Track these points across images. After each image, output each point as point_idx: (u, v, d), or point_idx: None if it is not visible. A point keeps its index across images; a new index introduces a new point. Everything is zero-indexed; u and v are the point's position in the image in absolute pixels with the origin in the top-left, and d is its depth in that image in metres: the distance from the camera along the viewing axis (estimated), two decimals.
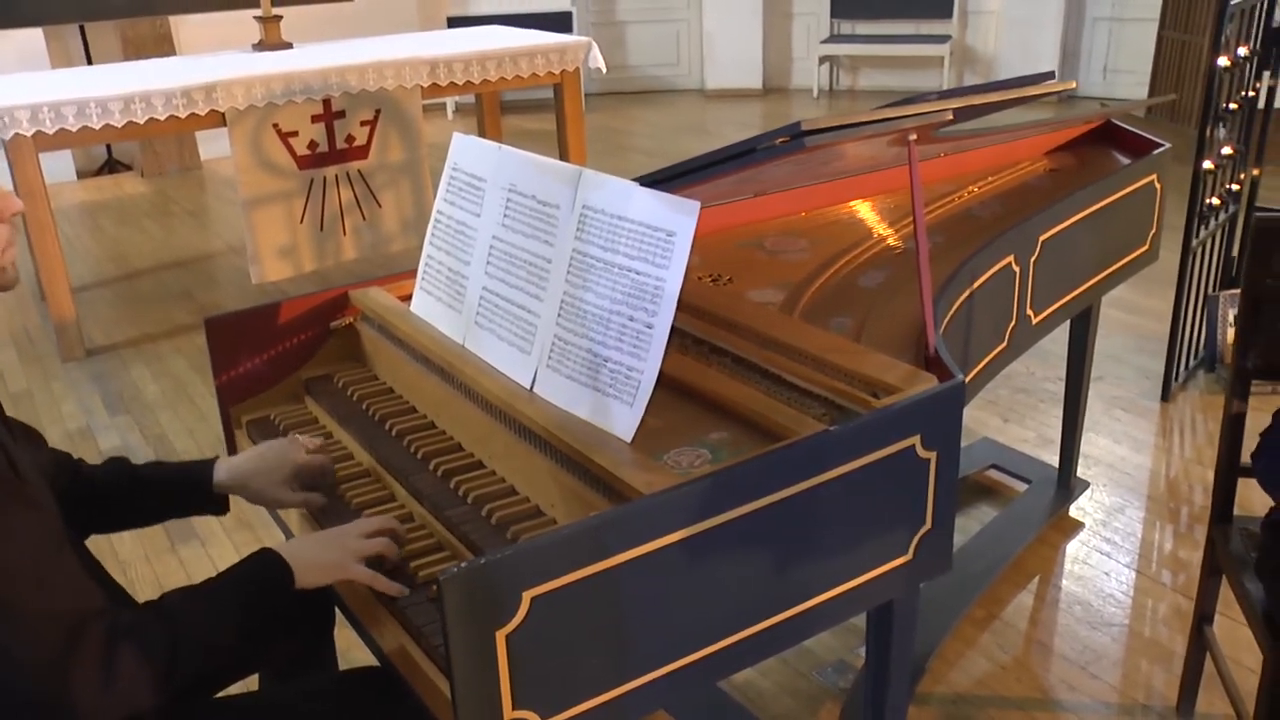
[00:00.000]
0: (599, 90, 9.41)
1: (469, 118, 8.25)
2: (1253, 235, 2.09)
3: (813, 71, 9.34)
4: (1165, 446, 3.53)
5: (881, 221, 2.43)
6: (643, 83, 9.72)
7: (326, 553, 1.51)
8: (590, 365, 1.56)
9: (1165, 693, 2.45)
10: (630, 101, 9.41)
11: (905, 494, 1.55)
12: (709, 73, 9.57)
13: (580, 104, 5.57)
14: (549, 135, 5.82)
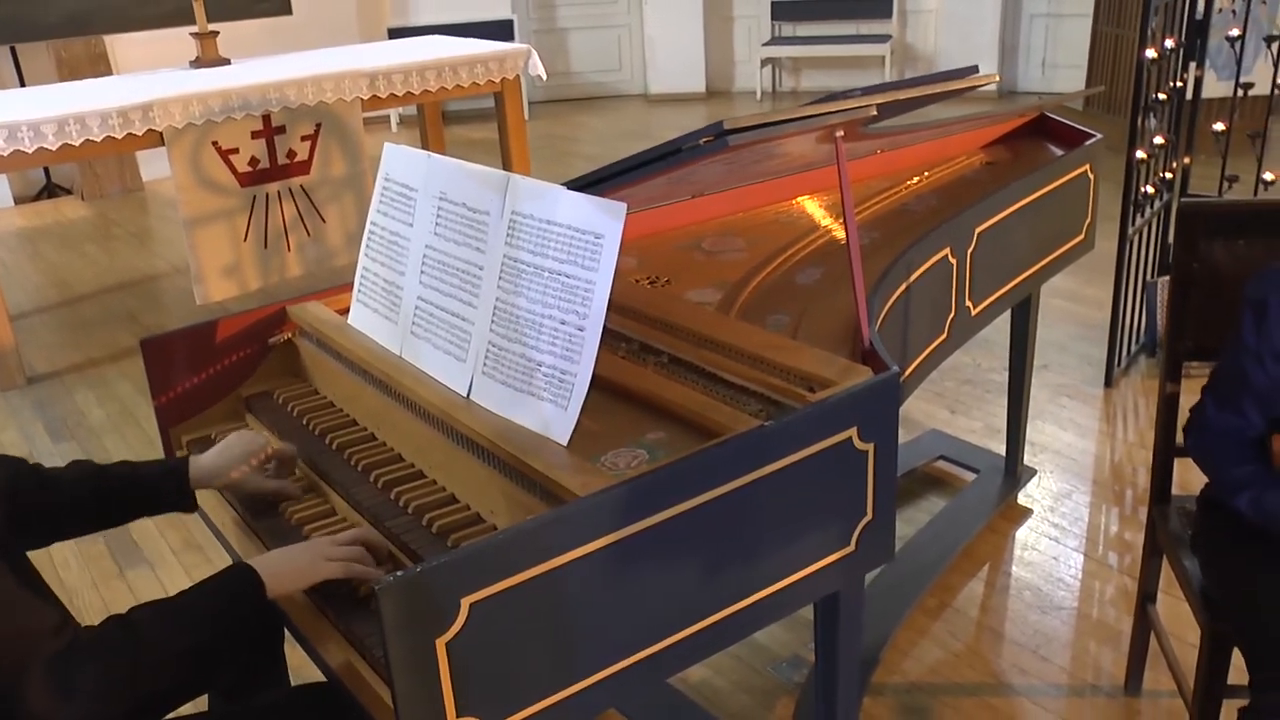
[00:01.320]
0: (543, 98, 9.41)
1: (413, 129, 8.20)
2: (1179, 221, 2.13)
3: (755, 74, 9.40)
4: (1109, 431, 3.59)
5: (819, 218, 2.45)
6: (586, 89, 9.73)
7: (298, 558, 1.52)
8: (524, 370, 1.56)
9: (1114, 672, 2.49)
10: (574, 108, 9.42)
11: (844, 486, 1.57)
12: (652, 78, 9.60)
13: (522, 112, 5.56)
14: (493, 144, 5.81)
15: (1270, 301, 1.69)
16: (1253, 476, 1.75)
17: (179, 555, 3.03)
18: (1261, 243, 2.09)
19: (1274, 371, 1.71)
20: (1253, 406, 1.77)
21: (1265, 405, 1.76)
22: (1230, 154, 3.73)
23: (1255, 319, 1.71)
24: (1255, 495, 1.74)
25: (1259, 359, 1.72)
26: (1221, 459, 1.81)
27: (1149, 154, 3.81)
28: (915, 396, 3.76)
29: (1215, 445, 1.83)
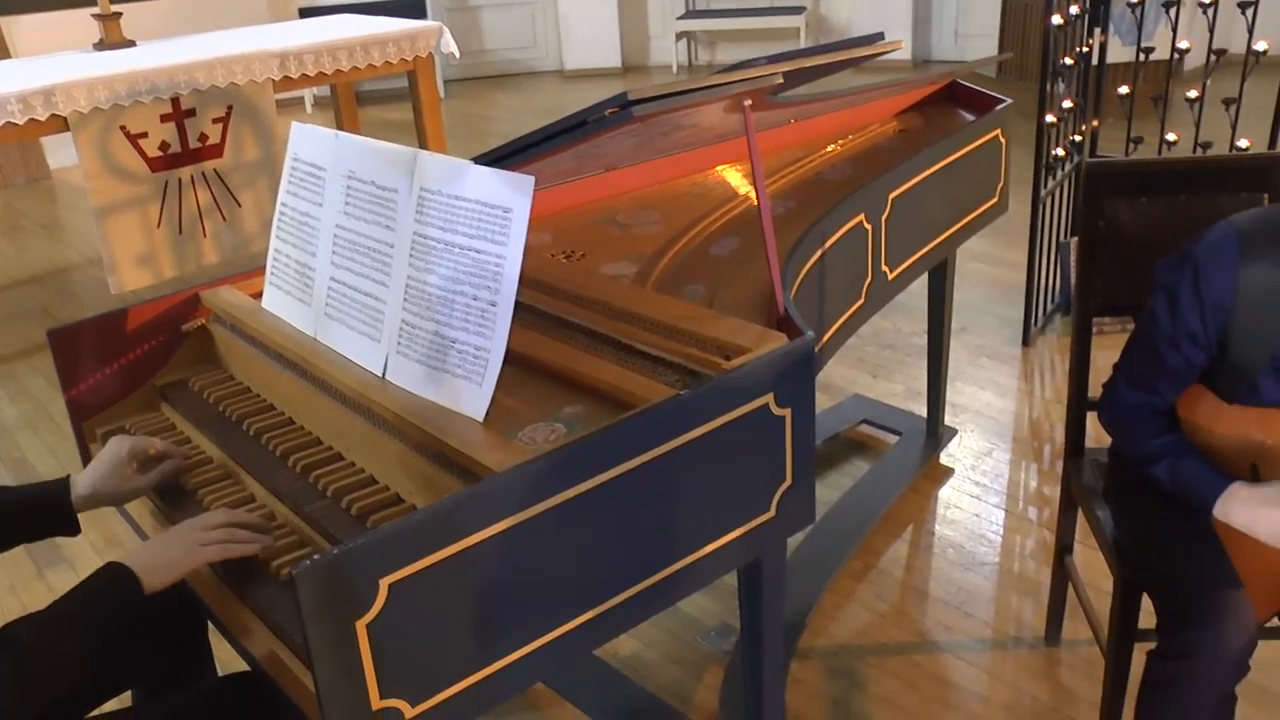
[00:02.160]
0: (458, 76, 9.32)
1: (328, 110, 8.07)
2: (1084, 181, 2.17)
3: (671, 48, 9.39)
4: (1028, 389, 3.66)
5: (734, 189, 2.46)
6: (501, 66, 9.65)
7: (170, 549, 1.49)
8: (438, 348, 1.55)
9: (1035, 624, 2.55)
10: (489, 86, 9.34)
11: (763, 452, 1.58)
12: (567, 54, 9.54)
13: (436, 90, 5.49)
14: (409, 124, 5.73)
15: (1180, 287, 1.72)
16: (1168, 447, 1.80)
17: (101, 552, 2.97)
18: (1163, 200, 2.14)
19: (1188, 352, 1.75)
20: (1166, 384, 1.81)
21: (1178, 383, 1.80)
22: (1135, 116, 3.81)
23: (1168, 303, 1.74)
24: (1172, 463, 1.78)
25: (1173, 342, 1.75)
26: (1137, 432, 1.85)
27: (1058, 118, 3.88)
28: (837, 362, 3.81)
29: (1130, 420, 1.86)
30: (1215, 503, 1.72)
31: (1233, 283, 1.66)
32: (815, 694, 2.37)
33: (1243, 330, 1.69)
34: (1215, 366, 1.76)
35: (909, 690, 2.37)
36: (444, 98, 8.91)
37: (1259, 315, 1.66)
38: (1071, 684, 2.38)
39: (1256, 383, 1.72)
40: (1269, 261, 1.64)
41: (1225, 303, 1.67)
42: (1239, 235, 1.67)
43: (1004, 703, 2.33)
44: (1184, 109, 3.68)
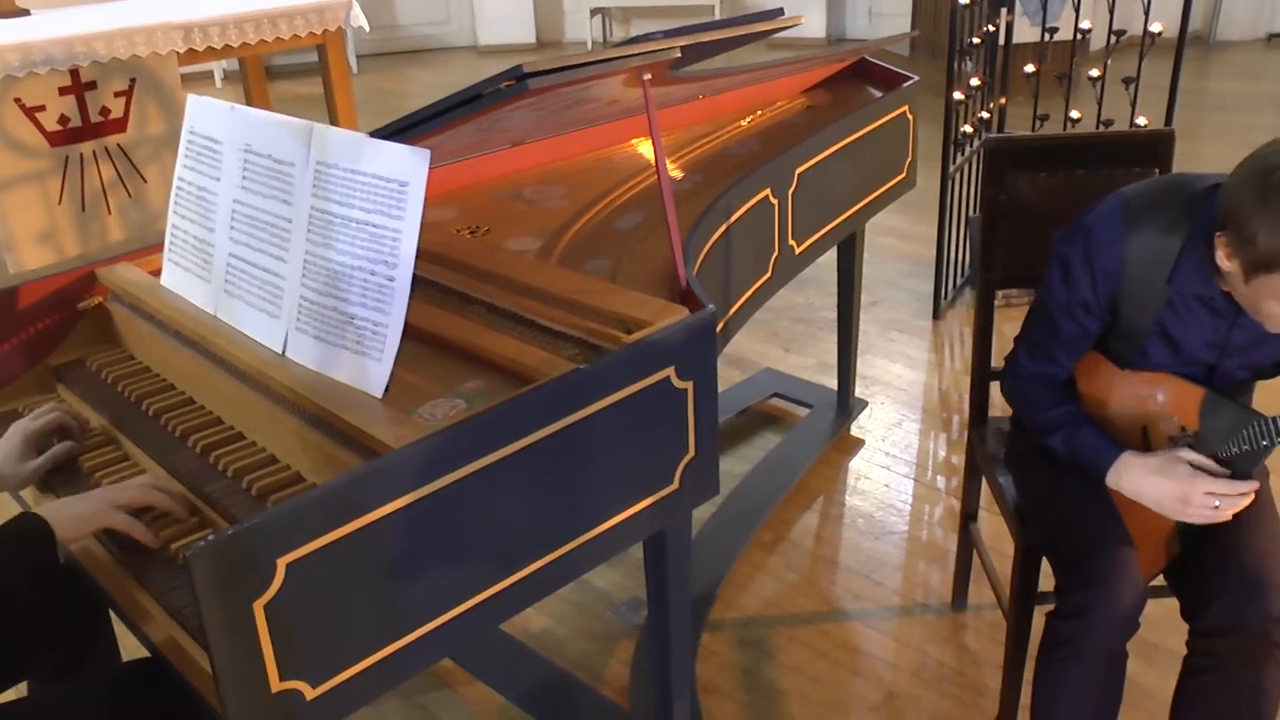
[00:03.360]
0: (371, 51, 9.18)
1: (237, 85, 7.90)
2: (985, 156, 2.21)
3: (585, 24, 9.34)
4: (937, 361, 3.73)
5: (641, 164, 2.46)
6: (414, 42, 9.52)
7: (84, 504, 1.50)
8: (337, 324, 1.53)
9: (941, 590, 2.61)
10: (403, 61, 9.22)
11: (665, 425, 1.59)
12: (480, 29, 9.45)
13: (346, 65, 5.39)
14: (320, 99, 5.63)
15: (1072, 256, 1.77)
16: (1064, 417, 1.84)
17: None
18: (1062, 174, 2.19)
19: (1082, 319, 1.80)
20: (1063, 352, 1.86)
21: (1074, 351, 1.85)
22: (1041, 95, 3.88)
23: (1062, 272, 1.79)
24: (1068, 433, 1.83)
25: (1068, 310, 1.80)
26: (1035, 403, 1.89)
27: (966, 95, 3.95)
28: (750, 336, 3.84)
29: (1028, 391, 1.91)
30: (1108, 471, 1.78)
31: (1121, 250, 1.71)
32: (725, 664, 2.40)
33: (1132, 296, 1.74)
34: (1108, 331, 1.81)
35: (818, 658, 2.41)
36: (356, 73, 8.77)
37: (1146, 281, 1.71)
38: (976, 647, 2.44)
39: (1145, 347, 1.77)
40: (1154, 230, 1.69)
41: (1114, 270, 1.72)
42: (1125, 205, 1.72)
43: (910, 667, 2.38)
44: (1087, 87, 3.77)
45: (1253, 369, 1.78)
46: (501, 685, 2.33)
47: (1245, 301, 1.60)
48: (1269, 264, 1.47)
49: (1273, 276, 1.49)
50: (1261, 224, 1.46)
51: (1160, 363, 1.78)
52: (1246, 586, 1.68)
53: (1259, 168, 1.48)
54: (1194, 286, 1.69)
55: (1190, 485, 1.69)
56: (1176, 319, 1.73)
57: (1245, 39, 8.80)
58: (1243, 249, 1.50)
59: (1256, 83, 7.62)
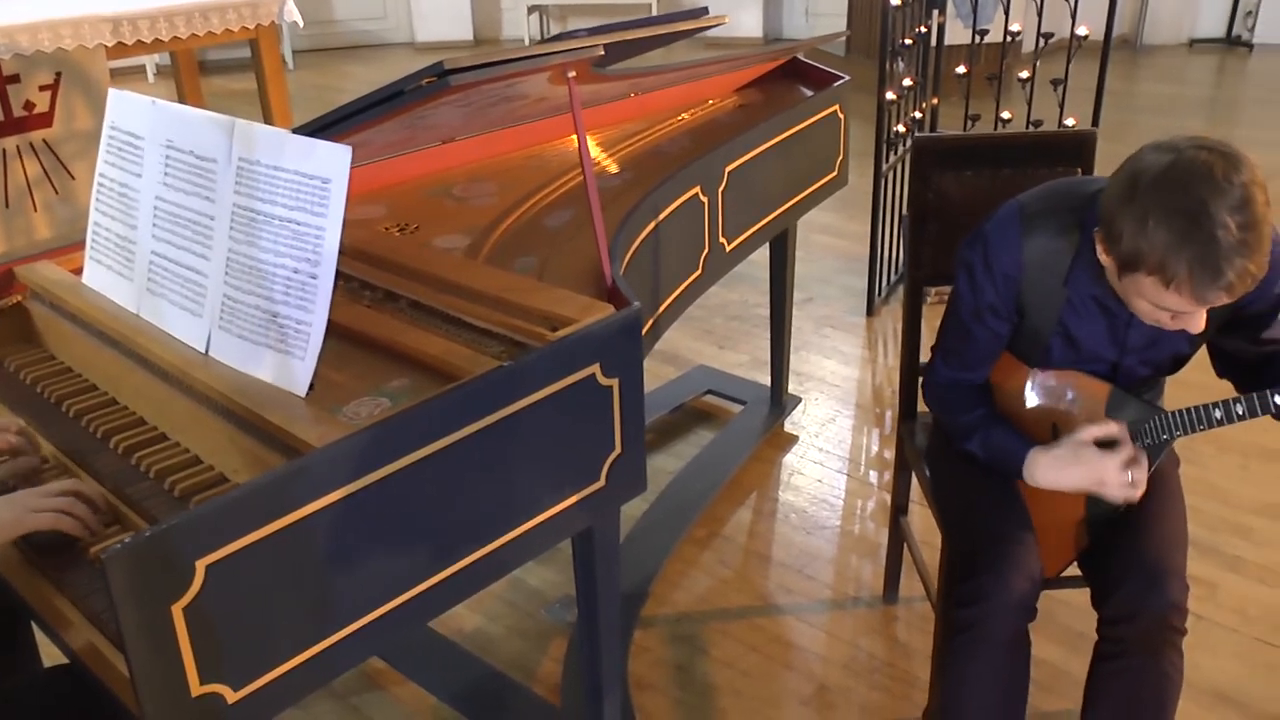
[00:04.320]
0: (307, 47, 9.09)
1: (170, 80, 7.77)
2: (913, 155, 2.24)
3: (522, 21, 9.31)
4: (871, 357, 3.78)
5: (572, 161, 2.45)
6: (351, 38, 9.44)
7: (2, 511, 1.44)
8: (260, 322, 1.52)
9: (873, 584, 2.64)
10: (339, 58, 9.13)
11: (591, 422, 1.59)
12: (418, 26, 9.40)
13: (280, 60, 5.33)
14: (254, 95, 5.56)
15: (975, 262, 1.80)
16: (978, 421, 1.88)
17: None
18: (988, 172, 2.22)
19: (991, 323, 1.83)
20: (976, 358, 1.90)
21: (988, 354, 1.89)
22: (973, 95, 3.94)
23: (968, 279, 1.83)
24: (983, 437, 1.87)
25: (976, 315, 1.83)
26: (952, 408, 1.93)
27: (899, 95, 4.00)
28: (684, 334, 3.86)
29: (945, 396, 1.95)
30: (1022, 469, 1.82)
31: (1018, 254, 1.75)
32: (658, 660, 2.41)
33: (1033, 298, 1.78)
34: (1014, 332, 1.85)
35: (750, 653, 2.43)
36: (292, 69, 8.67)
37: (1044, 283, 1.76)
38: (907, 639, 2.48)
39: (1049, 346, 1.82)
40: (1048, 233, 1.74)
41: (1014, 273, 1.77)
42: (1021, 211, 1.77)
43: (842, 660, 2.41)
44: (1018, 89, 3.84)
45: (1153, 365, 1.83)
46: (434, 685, 2.32)
47: (1122, 297, 1.65)
48: (1133, 262, 1.51)
49: (1137, 275, 1.53)
50: (1127, 224, 1.49)
51: (1063, 361, 1.83)
52: (1149, 575, 1.73)
53: (1131, 170, 1.52)
54: (1088, 287, 1.73)
55: (1101, 466, 1.74)
56: (1076, 319, 1.78)
57: (1170, 43, 9.02)
58: (1113, 247, 1.55)
59: (1181, 86, 7.81)
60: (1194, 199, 1.43)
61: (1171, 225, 1.45)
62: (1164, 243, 1.45)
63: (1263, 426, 1.80)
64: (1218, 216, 1.42)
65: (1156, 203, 1.46)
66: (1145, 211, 1.47)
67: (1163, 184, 1.46)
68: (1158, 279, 1.49)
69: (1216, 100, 7.57)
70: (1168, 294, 1.50)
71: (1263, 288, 1.75)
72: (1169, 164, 1.47)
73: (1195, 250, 1.44)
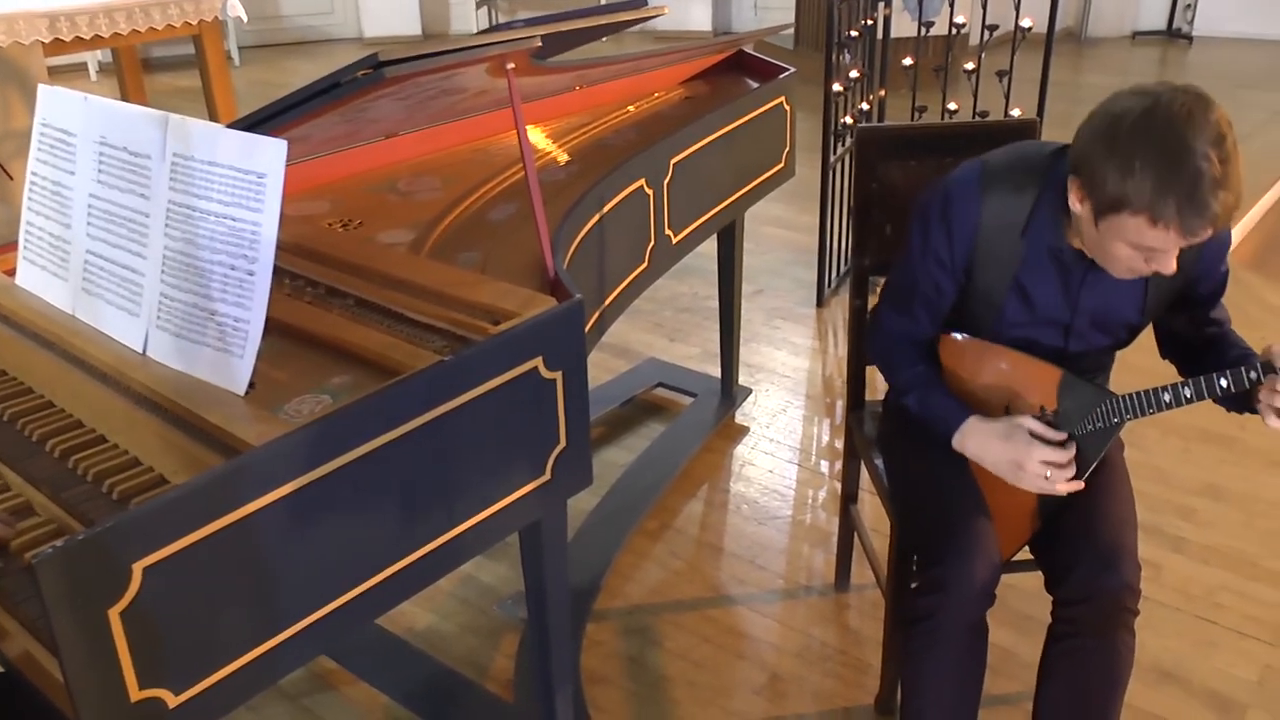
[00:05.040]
0: (253, 43, 8.97)
1: (113, 78, 7.66)
2: (856, 145, 2.26)
3: (471, 14, 9.26)
4: (821, 348, 3.80)
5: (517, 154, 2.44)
6: (298, 33, 9.33)
7: None
8: (198, 321, 1.50)
9: (825, 572, 2.66)
10: (286, 53, 9.03)
11: (535, 416, 1.59)
12: (365, 21, 9.30)
13: (223, 57, 5.27)
14: (199, 92, 5.49)
15: (931, 212, 1.82)
16: (920, 378, 1.90)
17: None
18: (932, 161, 2.24)
19: (937, 276, 1.85)
20: (922, 310, 1.90)
21: (933, 309, 1.90)
22: (920, 87, 3.97)
23: (922, 229, 1.84)
24: (921, 395, 1.89)
25: (924, 265, 1.85)
26: (895, 361, 1.95)
27: (846, 87, 4.02)
28: (634, 327, 3.86)
29: (890, 348, 1.96)
30: (954, 433, 1.83)
31: (977, 210, 1.78)
32: (611, 654, 2.41)
33: (989, 255, 1.80)
34: (968, 294, 1.86)
35: (703, 643, 2.44)
36: (238, 65, 8.57)
37: (1002, 238, 1.78)
38: (858, 626, 2.50)
39: (1003, 306, 1.83)
40: (1008, 188, 1.77)
41: (970, 229, 1.79)
42: (983, 168, 1.80)
43: (794, 649, 2.42)
44: (965, 80, 3.87)
45: (1104, 330, 1.84)
46: (386, 685, 2.30)
47: (1094, 247, 1.67)
48: (1118, 204, 1.54)
49: (1121, 216, 1.55)
50: (1112, 167, 1.53)
51: (1017, 320, 1.84)
52: (1102, 556, 1.75)
53: (1108, 114, 1.56)
54: (1046, 239, 1.76)
55: (1026, 452, 1.76)
56: (1031, 276, 1.80)
57: (1113, 36, 9.17)
58: (1094, 192, 1.57)
59: (1124, 77, 7.93)
60: (1178, 139, 1.49)
61: (1160, 166, 1.49)
62: (1152, 183, 1.49)
63: (1203, 410, 1.84)
64: (1201, 152, 1.48)
65: (1141, 145, 1.50)
66: (1131, 154, 1.51)
67: (1145, 127, 1.51)
68: (1145, 218, 1.53)
69: None
70: (1154, 231, 1.53)
71: (1210, 267, 1.80)
72: (1148, 107, 1.52)
73: (1183, 187, 1.48)
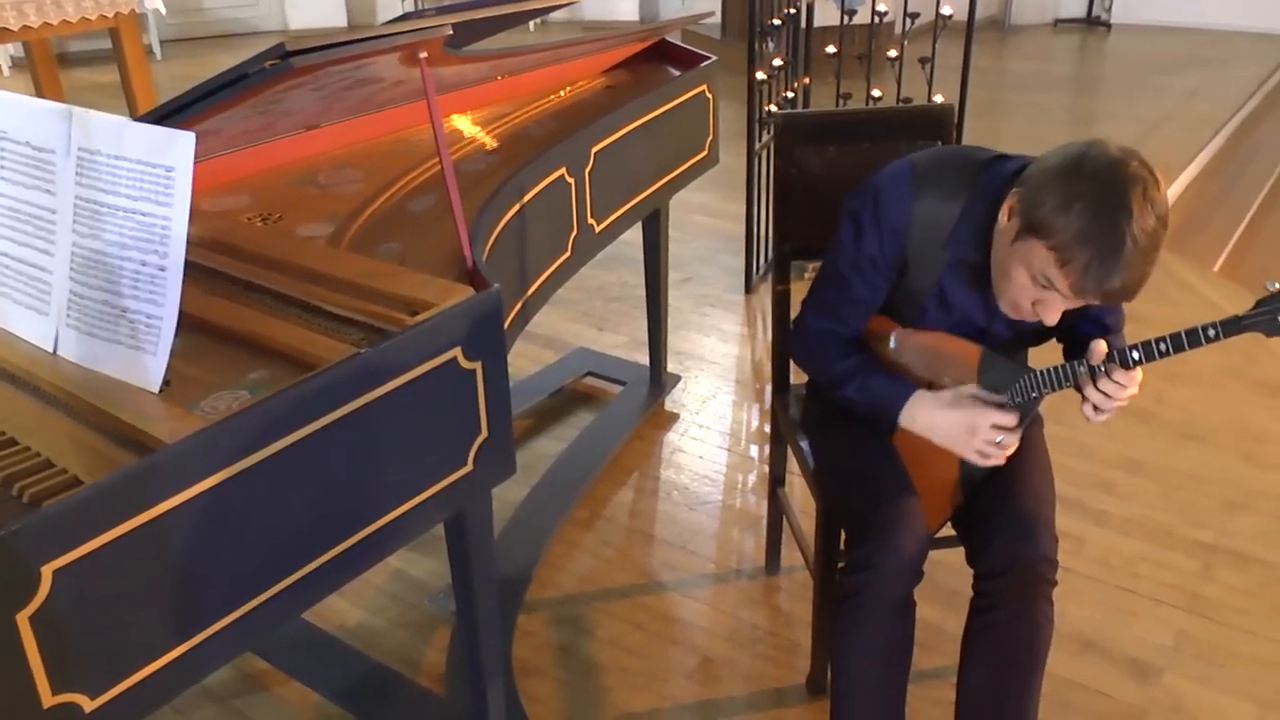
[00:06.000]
0: (175, 36, 8.80)
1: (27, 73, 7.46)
2: (776, 132, 2.28)
3: (397, 6, 9.16)
4: (750, 334, 3.83)
5: None
6: (222, 26, 9.17)
7: None
8: (109, 318, 1.47)
9: (755, 556, 2.69)
10: (209, 47, 8.86)
11: (454, 406, 1.58)
12: (290, 12, 9.18)
13: (142, 50, 5.16)
14: (120, 87, 5.38)
15: (863, 213, 1.84)
16: (857, 366, 1.91)
17: None
18: (850, 147, 2.27)
19: (870, 276, 1.87)
20: (851, 310, 1.92)
21: (862, 309, 1.92)
22: (845, 75, 4.01)
23: (853, 230, 1.85)
24: (861, 382, 1.90)
25: (857, 266, 1.86)
26: (825, 358, 1.95)
27: (769, 75, 4.04)
28: (563, 317, 3.87)
29: (816, 347, 1.96)
30: (902, 410, 1.86)
31: (908, 210, 1.80)
32: (543, 644, 2.42)
33: (916, 258, 1.82)
34: (893, 291, 1.89)
35: (634, 630, 2.45)
36: (160, 59, 8.40)
37: (928, 244, 1.80)
38: (789, 608, 2.53)
39: (925, 307, 1.86)
40: (937, 195, 1.79)
41: (900, 228, 1.81)
42: (912, 169, 1.81)
43: (725, 633, 2.45)
44: (889, 68, 3.92)
45: (1018, 333, 1.88)
46: (317, 683, 2.29)
47: (998, 265, 1.70)
48: (1040, 230, 1.57)
49: (1036, 243, 1.58)
50: (1054, 196, 1.56)
51: (937, 323, 1.88)
52: (1021, 527, 1.79)
53: (1079, 153, 1.59)
54: (966, 251, 1.78)
55: (978, 416, 1.79)
56: (952, 283, 1.83)
57: (1036, 24, 9.36)
58: (1026, 210, 1.60)
59: (1047, 64, 8.10)
60: (1123, 204, 1.52)
61: (1095, 216, 1.52)
62: (1080, 227, 1.53)
63: None
64: (1135, 226, 1.52)
65: (1091, 191, 1.53)
66: (1078, 193, 1.54)
67: (1103, 178, 1.54)
68: (1056, 256, 1.56)
69: (1079, 77, 7.87)
70: (1055, 271, 1.57)
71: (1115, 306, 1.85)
72: (1115, 163, 1.55)
73: (1103, 246, 1.52)
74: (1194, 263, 4.67)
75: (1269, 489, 2.91)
